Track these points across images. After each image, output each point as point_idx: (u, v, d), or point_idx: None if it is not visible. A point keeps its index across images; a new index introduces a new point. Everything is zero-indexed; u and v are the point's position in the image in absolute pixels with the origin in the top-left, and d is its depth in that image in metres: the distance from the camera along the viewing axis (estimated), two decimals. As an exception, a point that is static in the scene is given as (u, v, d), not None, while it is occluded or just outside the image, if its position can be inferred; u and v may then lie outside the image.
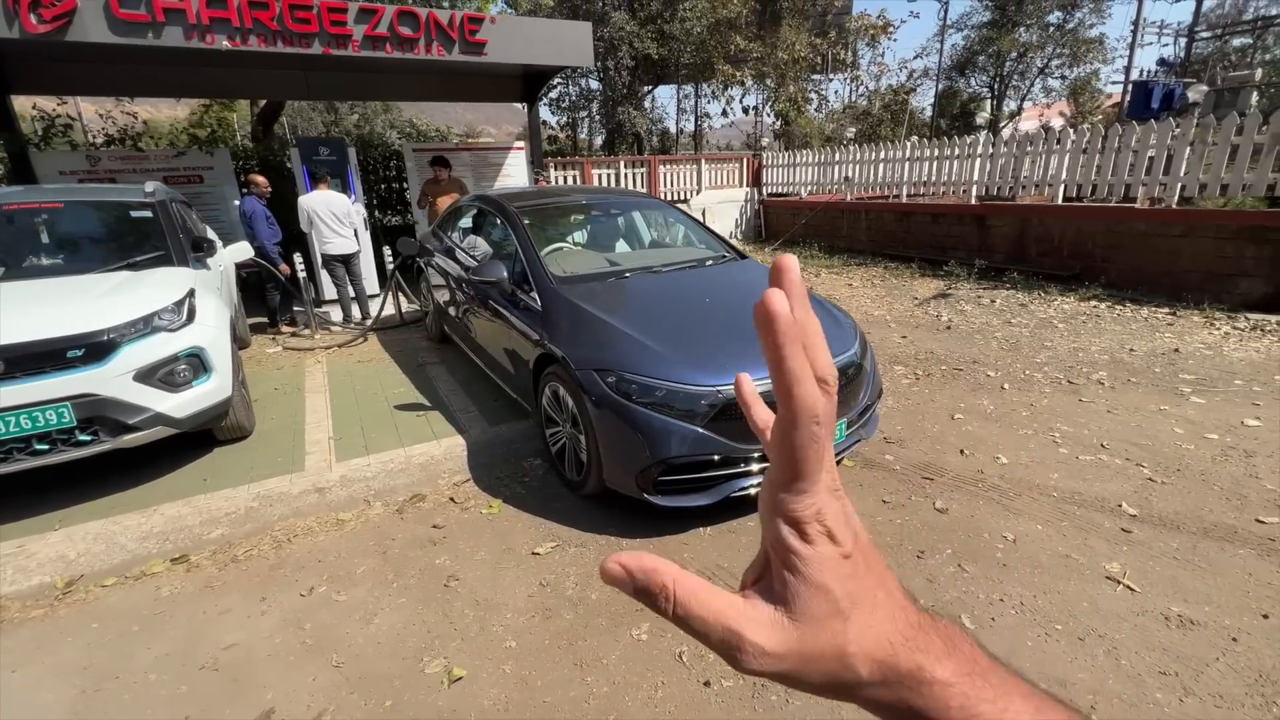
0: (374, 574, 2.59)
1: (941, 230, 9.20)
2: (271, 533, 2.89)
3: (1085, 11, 24.66)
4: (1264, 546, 2.53)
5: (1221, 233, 6.27)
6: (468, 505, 3.10)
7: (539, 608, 2.36)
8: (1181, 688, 1.88)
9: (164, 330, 3.09)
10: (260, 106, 9.75)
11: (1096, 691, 1.88)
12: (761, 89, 22.61)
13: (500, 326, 3.76)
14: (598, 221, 4.41)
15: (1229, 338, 5.28)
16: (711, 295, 3.40)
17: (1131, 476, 3.12)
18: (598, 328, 2.99)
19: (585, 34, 6.56)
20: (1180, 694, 1.86)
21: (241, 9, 5.04)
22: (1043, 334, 5.60)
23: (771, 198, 12.84)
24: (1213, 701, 1.83)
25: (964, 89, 28.38)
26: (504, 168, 8.30)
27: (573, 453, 3.10)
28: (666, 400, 2.65)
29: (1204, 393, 4.11)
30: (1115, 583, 2.36)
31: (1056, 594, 2.32)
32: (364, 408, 4.23)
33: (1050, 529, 2.72)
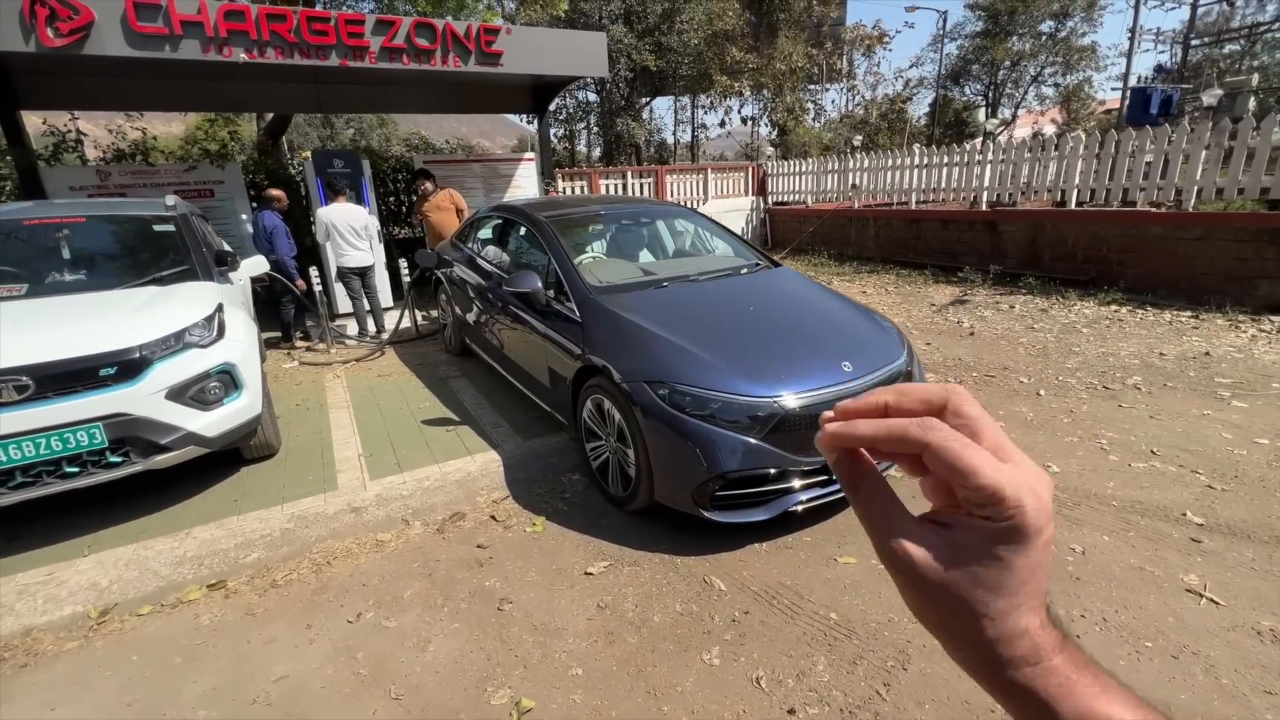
0: (422, 597, 2.49)
1: (952, 236, 9.19)
2: (310, 555, 2.78)
3: (1077, 20, 25.03)
4: (1342, 555, 2.46)
5: (1239, 235, 6.27)
6: (510, 523, 3.00)
7: (600, 632, 2.26)
8: (1239, 692, 1.80)
9: (195, 346, 2.99)
10: (266, 120, 9.72)
11: (1203, 714, 1.80)
12: (759, 99, 22.77)
13: (533, 339, 3.68)
14: (627, 231, 4.35)
15: (1256, 340, 5.24)
16: (755, 304, 3.33)
17: (1189, 484, 3.05)
18: (644, 338, 2.92)
19: (600, 44, 6.55)
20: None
21: (259, 21, 4.99)
22: (1068, 339, 5.56)
23: (777, 206, 12.85)
24: (1328, 722, 1.75)
25: (958, 97, 28.68)
26: (514, 179, 8.26)
27: (618, 467, 3.01)
28: (722, 412, 2.57)
29: (1244, 396, 4.06)
30: (1197, 596, 2.28)
31: (1138, 609, 2.23)
32: (391, 423, 4.13)
33: (1117, 539, 2.65)
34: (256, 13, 4.98)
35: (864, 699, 1.92)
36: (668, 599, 2.42)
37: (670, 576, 2.55)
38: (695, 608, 2.36)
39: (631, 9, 18.70)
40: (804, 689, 1.97)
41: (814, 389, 2.63)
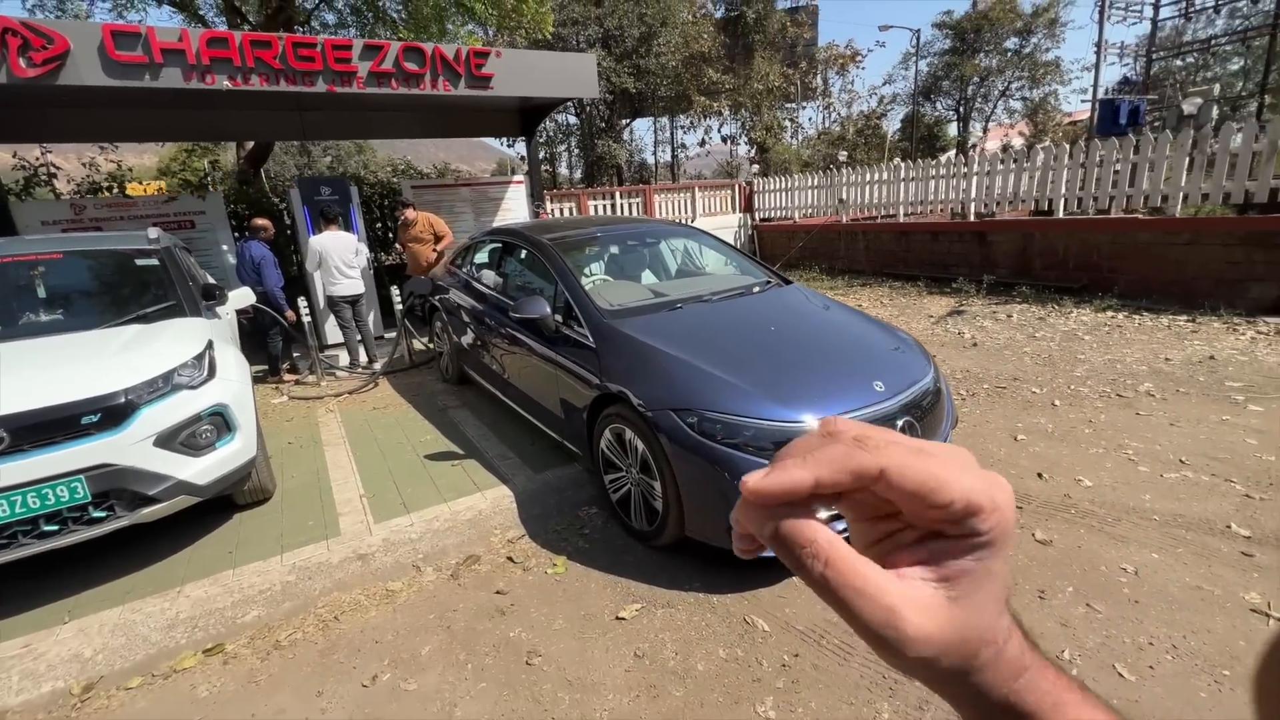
0: (442, 654, 2.29)
1: (942, 248, 9.26)
2: (315, 611, 2.57)
3: (1040, 36, 25.92)
4: (1399, 564, 2.38)
5: (1228, 239, 6.36)
6: (529, 565, 2.82)
7: (642, 685, 2.09)
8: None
9: (185, 388, 2.79)
10: (247, 149, 9.53)
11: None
12: (737, 119, 23.13)
13: (542, 366, 3.53)
14: (632, 251, 4.24)
15: (1257, 343, 5.27)
16: (775, 323, 3.22)
17: (1226, 494, 2.98)
18: (666, 363, 2.78)
19: (590, 65, 6.52)
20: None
21: (243, 48, 4.86)
22: (1071, 347, 5.54)
23: (764, 222, 12.91)
24: None
25: (930, 113, 29.40)
26: (504, 202, 8.15)
27: (641, 500, 2.85)
28: (756, 439, 2.43)
29: (1258, 400, 4.04)
30: (1264, 616, 2.18)
31: (1206, 633, 2.12)
32: (392, 460, 3.93)
33: (1167, 557, 2.55)
34: (240, 40, 4.85)
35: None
36: (709, 644, 2.25)
37: (709, 618, 2.39)
38: (740, 652, 2.20)
39: (610, 33, 18.94)
40: None
41: (849, 411, 2.51)
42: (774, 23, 21.31)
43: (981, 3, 25.53)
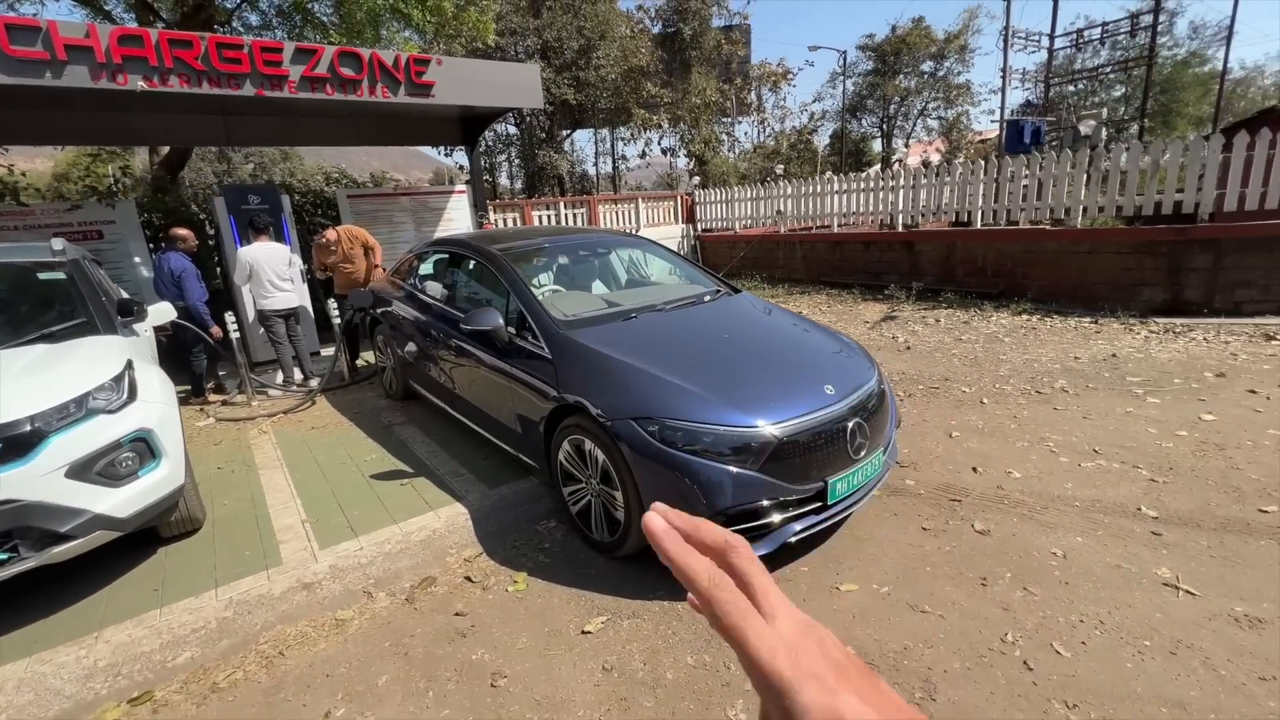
0: (401, 683, 2.19)
1: (874, 257, 9.75)
2: (257, 648, 2.40)
3: (952, 61, 27.90)
4: (1278, 535, 2.68)
5: (1122, 248, 7.03)
6: (488, 584, 2.74)
7: (612, 699, 2.07)
8: (1237, 681, 1.89)
9: (102, 412, 2.56)
10: (161, 154, 8.84)
11: (1212, 708, 1.86)
12: (676, 131, 23.60)
13: (495, 379, 3.46)
14: (583, 262, 4.24)
15: (1150, 341, 5.83)
16: (728, 331, 3.30)
17: (1134, 479, 3.27)
18: (625, 373, 2.79)
19: (534, 75, 6.49)
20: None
21: (160, 47, 4.54)
22: (994, 348, 5.95)
23: (706, 233, 13.19)
24: (1321, 702, 1.85)
25: (856, 129, 31.00)
26: (445, 212, 7.97)
27: (603, 511, 2.84)
28: (716, 445, 2.48)
29: (1155, 393, 4.46)
30: (1174, 589, 2.40)
31: (1128, 607, 2.32)
32: (335, 481, 3.73)
33: (1090, 540, 2.77)
34: (157, 38, 4.53)
35: None
36: (677, 651, 2.26)
37: (675, 625, 2.40)
38: (708, 658, 2.22)
39: (549, 45, 18.95)
40: None
41: (803, 414, 2.60)
42: (709, 40, 21.92)
43: (900, 28, 27.22)
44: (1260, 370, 4.78)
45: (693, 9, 21.31)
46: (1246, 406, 4.09)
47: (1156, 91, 27.12)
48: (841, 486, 2.62)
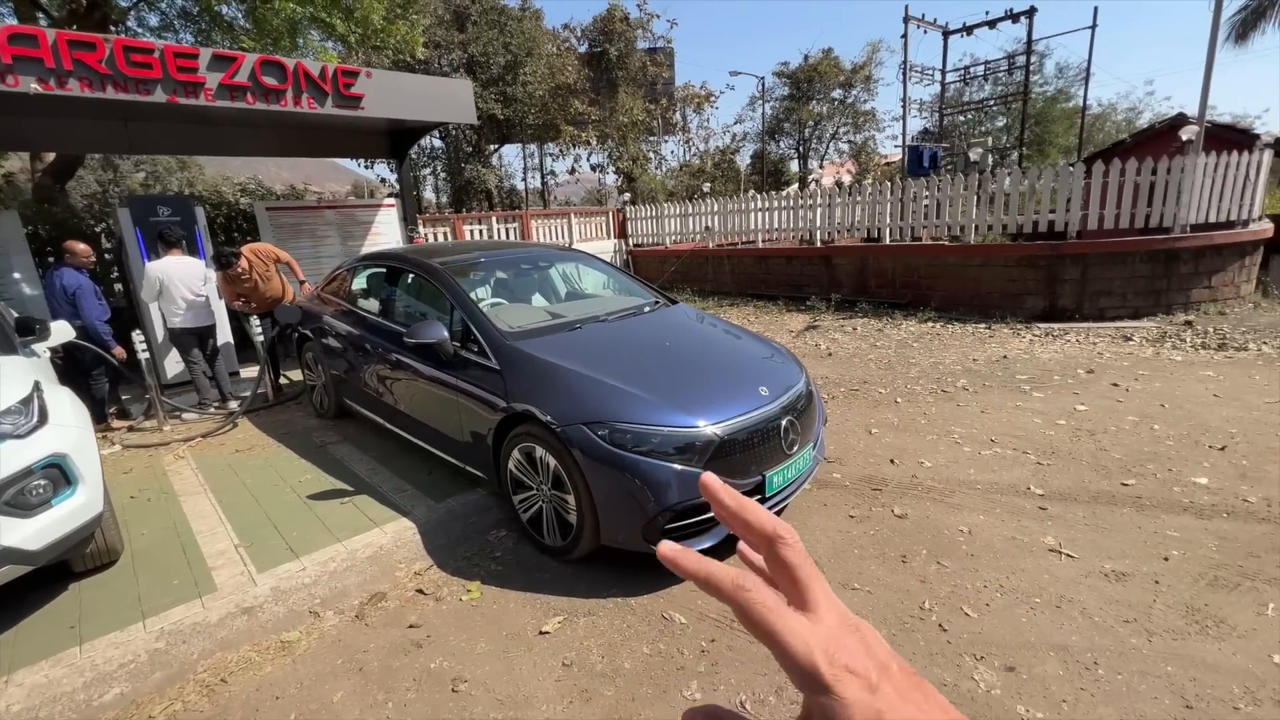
0: (357, 697, 2.17)
1: (796, 270, 10.35)
2: (195, 677, 2.29)
3: (859, 90, 30.03)
4: (1137, 504, 3.15)
5: (1008, 262, 7.88)
6: (441, 595, 2.75)
7: (574, 692, 2.15)
8: (1144, 630, 2.26)
9: (10, 437, 2.37)
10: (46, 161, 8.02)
11: (1092, 648, 2.18)
12: (604, 149, 23.99)
13: (439, 392, 3.47)
14: (524, 275, 4.31)
15: (1034, 344, 6.57)
16: (669, 339, 3.48)
17: (1024, 463, 3.72)
18: (573, 380, 2.90)
19: (467, 91, 6.51)
20: (1145, 634, 2.23)
21: (58, 48, 4.23)
22: (905, 353, 6.50)
23: (638, 248, 13.49)
24: (1170, 635, 2.22)
25: (775, 150, 32.63)
26: (374, 226, 7.75)
27: (554, 516, 2.91)
28: (663, 445, 2.63)
29: (1039, 388, 5.06)
30: (1058, 554, 2.77)
31: (1022, 572, 2.66)
32: (268, 504, 3.58)
33: (990, 517, 3.13)
34: (54, 38, 4.23)
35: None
36: (633, 643, 2.37)
37: (629, 619, 2.51)
38: (663, 646, 2.35)
39: (474, 59, 18.84)
40: (785, 703, 2.05)
41: (741, 414, 2.80)
42: (635, 61, 22.51)
43: (811, 57, 29.04)
44: (1121, 366, 5.52)
45: (618, 31, 21.84)
46: (1110, 398, 4.73)
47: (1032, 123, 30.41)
48: (778, 479, 2.84)
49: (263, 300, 5.50)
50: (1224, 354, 5.74)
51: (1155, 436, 3.96)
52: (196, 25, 10.44)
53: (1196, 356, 5.73)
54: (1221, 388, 4.80)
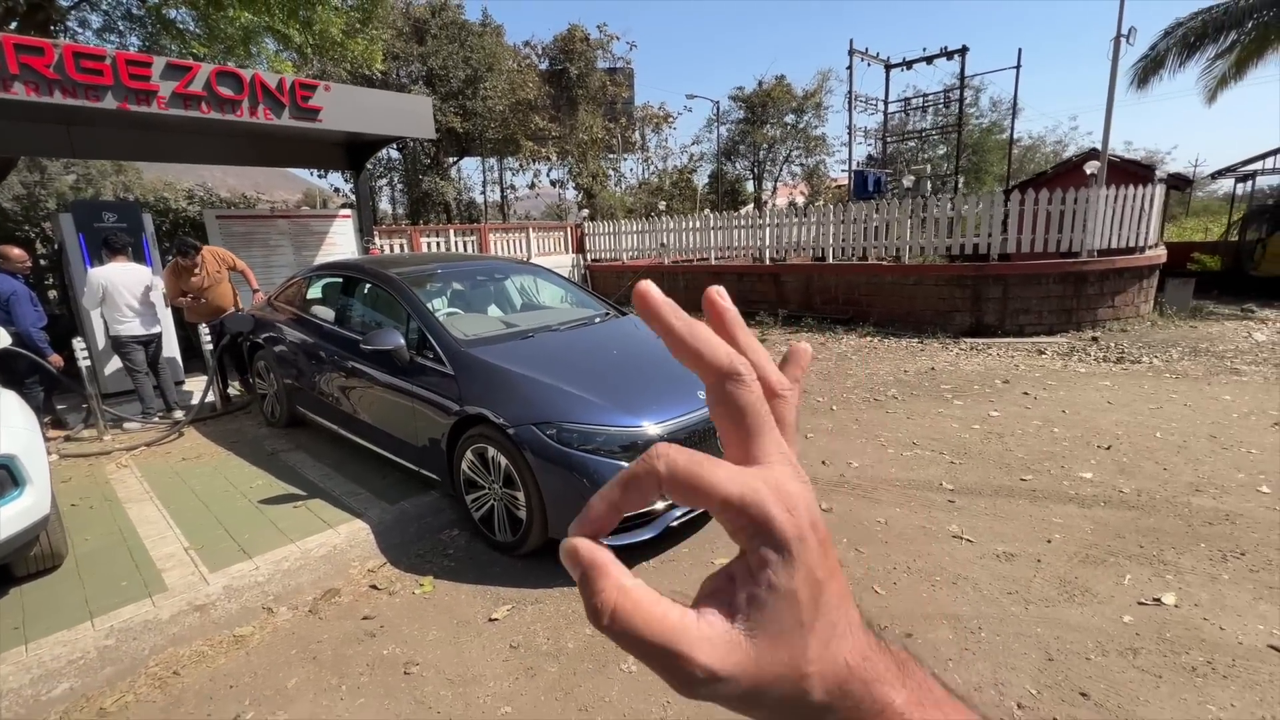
0: (311, 683, 2.28)
1: (747, 286, 10.79)
2: (147, 670, 2.36)
3: (810, 115, 31.39)
4: (1032, 495, 3.55)
5: (939, 281, 8.49)
6: (395, 589, 2.87)
7: (520, 670, 2.32)
8: (1023, 600, 2.59)
9: (-43, 439, 2.40)
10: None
11: (978, 615, 2.50)
12: (564, 164, 24.31)
13: (395, 398, 3.60)
14: (480, 286, 4.47)
15: (960, 357, 7.11)
16: (616, 347, 3.71)
17: (939, 462, 4.10)
18: (524, 384, 3.09)
19: (426, 107, 6.65)
20: (1023, 603, 2.57)
21: (3, 51, 4.19)
22: (843, 365, 6.93)
23: (595, 263, 13.75)
24: (1043, 603, 2.56)
25: (731, 171, 33.65)
26: (329, 236, 7.75)
27: (505, 513, 3.08)
28: (607, 444, 2.85)
29: (960, 397, 5.52)
30: (960, 539, 3.11)
31: (927, 555, 2.98)
32: (219, 509, 3.60)
33: (905, 509, 3.47)
34: (0, 42, 4.20)
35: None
36: (577, 626, 2.56)
37: (574, 606, 2.70)
38: (604, 627, 2.54)
39: (434, 72, 18.90)
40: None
41: (680, 415, 3.06)
42: (595, 80, 22.98)
43: (765, 83, 30.23)
44: (1033, 377, 6.06)
45: (578, 50, 22.29)
46: (1020, 405, 5.21)
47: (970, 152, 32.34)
48: (713, 476, 3.08)
49: (209, 304, 5.43)
50: (1121, 366, 6.37)
51: (1054, 438, 4.42)
52: (143, 28, 10.21)
53: (1098, 368, 6.35)
54: (1115, 396, 5.36)
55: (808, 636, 0.26)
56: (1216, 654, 2.21)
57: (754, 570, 0.26)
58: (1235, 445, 4.13)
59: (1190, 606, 2.49)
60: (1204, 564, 2.78)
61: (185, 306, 5.40)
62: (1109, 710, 1.99)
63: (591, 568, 0.26)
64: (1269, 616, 2.40)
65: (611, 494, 0.27)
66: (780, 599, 0.26)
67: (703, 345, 0.29)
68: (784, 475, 0.28)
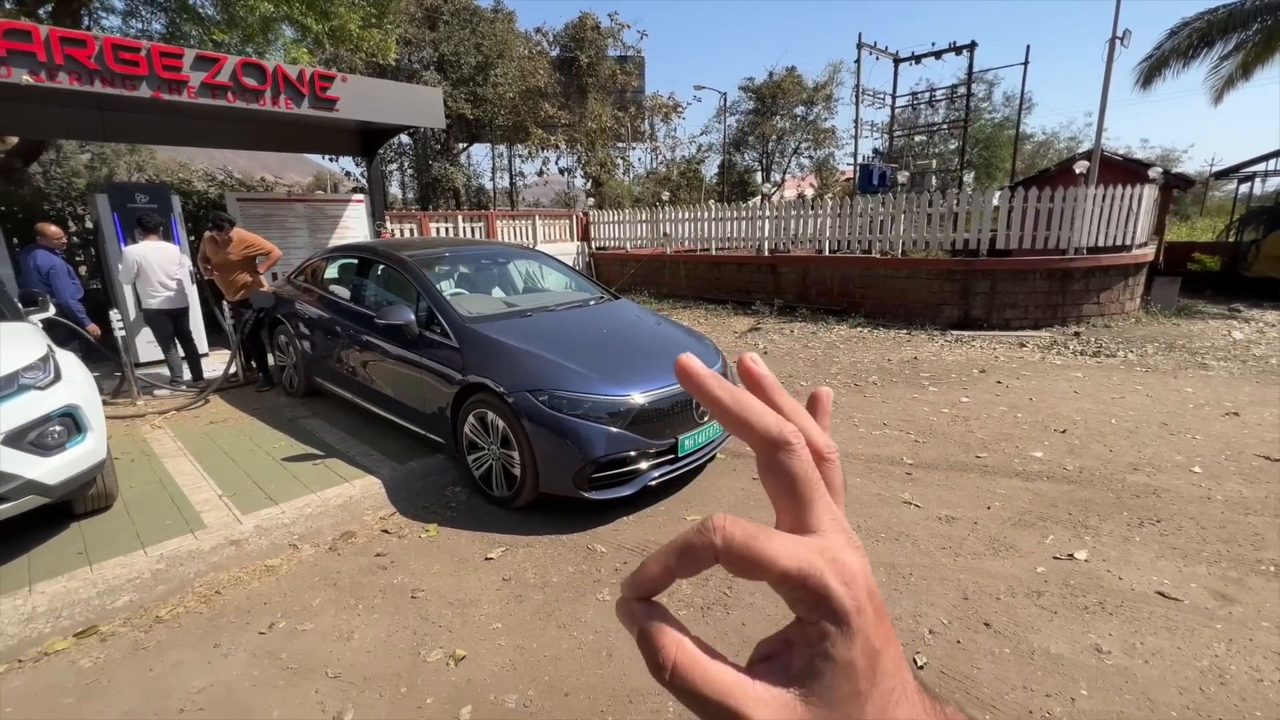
0: (333, 602, 2.68)
1: (745, 277, 11.10)
2: (193, 590, 2.76)
3: (820, 108, 31.38)
4: (983, 470, 3.89)
5: (930, 275, 8.76)
6: (403, 533, 3.26)
7: (510, 597, 2.70)
8: (954, 554, 2.95)
9: (33, 389, 2.78)
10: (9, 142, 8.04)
11: (911, 564, 2.86)
12: (573, 152, 24.53)
13: (405, 369, 3.97)
14: (485, 270, 4.83)
15: (944, 348, 7.41)
16: (606, 327, 4.06)
17: (905, 441, 4.44)
18: (522, 357, 3.46)
19: (436, 98, 6.98)
20: (954, 556, 2.92)
21: (50, 43, 4.56)
22: (831, 353, 7.26)
23: (600, 251, 14.07)
24: (971, 556, 2.91)
25: (740, 162, 33.72)
26: (343, 220, 8.12)
27: (502, 471, 3.46)
28: (592, 410, 3.21)
29: (936, 384, 5.84)
30: (909, 505, 3.46)
31: (877, 517, 3.34)
32: (246, 464, 4.00)
33: (866, 480, 3.82)
34: (46, 34, 4.55)
35: (716, 599, 2.65)
36: (561, 564, 2.94)
37: (560, 549, 3.08)
38: (585, 566, 2.92)
39: (445, 58, 19.13)
40: (674, 602, 2.65)
41: (659, 388, 3.41)
42: (605, 68, 23.13)
43: (776, 74, 30.24)
44: (1009, 367, 6.37)
45: (589, 38, 22.43)
46: (992, 392, 5.53)
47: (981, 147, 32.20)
48: (689, 442, 3.45)
49: (225, 280, 5.67)
50: (1096, 360, 6.66)
51: (1016, 422, 4.75)
52: (165, 13, 10.55)
53: (1074, 361, 6.64)
54: (1082, 386, 5.66)
55: (864, 705, 0.26)
56: (1109, 597, 2.56)
57: (812, 641, 0.27)
58: (1183, 432, 4.44)
59: (1099, 561, 2.83)
60: (1121, 528, 3.12)
61: (206, 275, 5.71)
62: (1006, 637, 2.35)
63: (649, 623, 0.27)
64: (1165, 570, 2.74)
65: (667, 559, 0.27)
66: (838, 669, 0.26)
67: (751, 415, 0.29)
68: (839, 545, 0.28)
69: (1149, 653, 2.24)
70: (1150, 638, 2.32)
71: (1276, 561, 2.78)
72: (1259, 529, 3.07)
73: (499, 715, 2.05)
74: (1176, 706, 2.00)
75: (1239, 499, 3.39)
